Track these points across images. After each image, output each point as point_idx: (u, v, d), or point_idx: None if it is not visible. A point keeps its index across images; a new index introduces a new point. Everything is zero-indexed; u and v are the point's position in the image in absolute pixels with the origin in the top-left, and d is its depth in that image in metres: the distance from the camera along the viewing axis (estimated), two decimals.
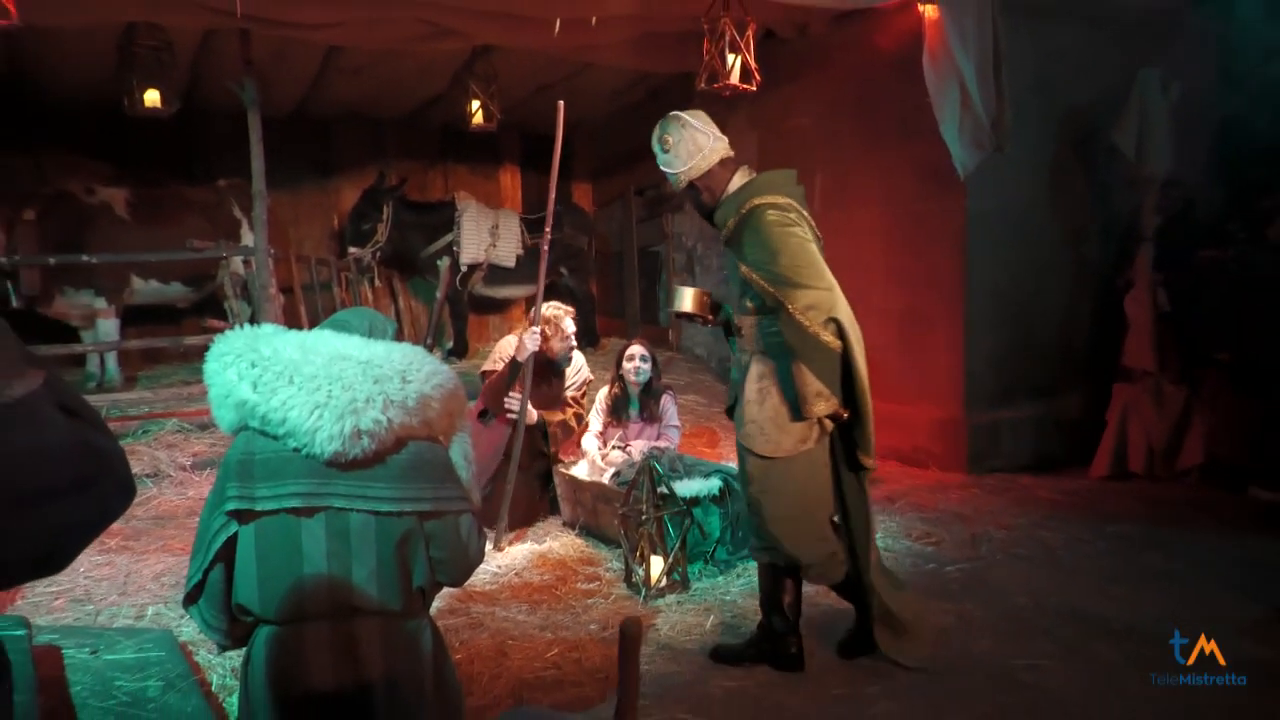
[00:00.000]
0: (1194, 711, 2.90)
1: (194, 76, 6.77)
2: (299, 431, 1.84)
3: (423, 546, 1.96)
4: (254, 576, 1.89)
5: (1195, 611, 3.63)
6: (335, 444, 1.83)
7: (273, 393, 1.85)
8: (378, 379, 1.88)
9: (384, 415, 1.86)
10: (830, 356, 3.02)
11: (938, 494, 5.24)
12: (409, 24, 5.25)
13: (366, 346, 1.95)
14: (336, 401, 1.84)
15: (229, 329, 2.00)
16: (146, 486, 5.11)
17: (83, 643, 3.11)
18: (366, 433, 1.85)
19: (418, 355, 2.00)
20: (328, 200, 8.93)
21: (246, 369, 1.87)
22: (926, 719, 2.92)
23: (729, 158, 3.20)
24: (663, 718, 2.93)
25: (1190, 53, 6.01)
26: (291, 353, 1.88)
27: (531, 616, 3.70)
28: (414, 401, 1.91)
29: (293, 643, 1.89)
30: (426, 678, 1.99)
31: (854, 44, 5.98)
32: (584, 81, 7.61)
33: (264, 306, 5.91)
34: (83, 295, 6.71)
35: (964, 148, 4.92)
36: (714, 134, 3.19)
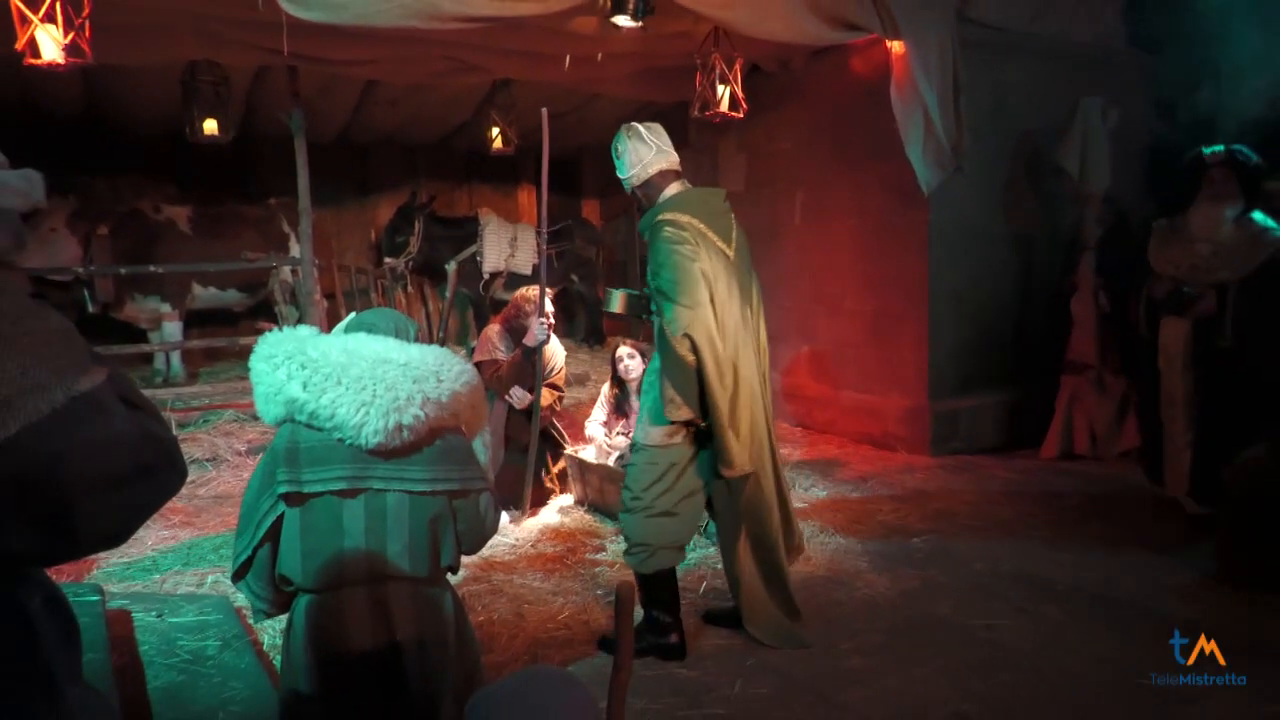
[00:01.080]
0: (1124, 661, 2.89)
1: (249, 107, 6.76)
2: (346, 426, 1.84)
3: (451, 523, 1.97)
4: (298, 551, 1.88)
5: (1132, 575, 3.63)
6: (379, 437, 1.84)
7: (322, 392, 1.84)
8: (416, 379, 1.88)
9: (422, 411, 1.87)
10: (683, 369, 2.82)
11: (905, 474, 5.22)
12: (437, 61, 5.24)
13: (403, 350, 1.94)
14: (381, 400, 1.84)
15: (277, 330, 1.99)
16: (206, 469, 5.12)
17: (150, 607, 3.11)
18: (407, 427, 1.86)
19: (447, 357, 2.00)
20: (366, 216, 8.92)
21: (297, 370, 1.86)
22: (893, 670, 2.92)
23: (670, 170, 3.03)
24: (659, 672, 2.93)
25: (1125, 84, 5.99)
26: (338, 356, 1.88)
27: (545, 583, 3.69)
28: (447, 398, 1.91)
29: (332, 607, 1.88)
30: (450, 637, 1.98)
31: (830, 76, 5.95)
32: (592, 110, 7.58)
33: (309, 310, 5.90)
34: (150, 301, 6.71)
35: (927, 167, 4.89)
36: (660, 146, 3.03)
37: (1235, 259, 4.02)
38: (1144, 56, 6.15)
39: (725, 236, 3.01)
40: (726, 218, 3.06)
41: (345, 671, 1.88)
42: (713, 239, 2.95)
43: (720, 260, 2.94)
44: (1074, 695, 2.74)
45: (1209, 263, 4.07)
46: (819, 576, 3.74)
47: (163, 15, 4.18)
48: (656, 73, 5.73)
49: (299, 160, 5.64)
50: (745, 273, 3.08)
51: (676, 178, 3.05)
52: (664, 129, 3.11)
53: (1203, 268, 4.09)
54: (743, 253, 3.08)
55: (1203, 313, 4.04)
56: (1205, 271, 4.07)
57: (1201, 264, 4.10)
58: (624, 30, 4.31)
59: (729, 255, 2.99)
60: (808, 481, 5.09)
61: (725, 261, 2.96)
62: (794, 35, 4.76)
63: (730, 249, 3.00)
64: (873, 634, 3.17)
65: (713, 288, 2.87)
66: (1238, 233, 4.05)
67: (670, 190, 3.02)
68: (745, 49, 5.06)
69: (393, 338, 2.00)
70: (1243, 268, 3.99)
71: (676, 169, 3.06)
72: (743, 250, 3.09)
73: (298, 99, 5.53)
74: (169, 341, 6.70)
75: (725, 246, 2.98)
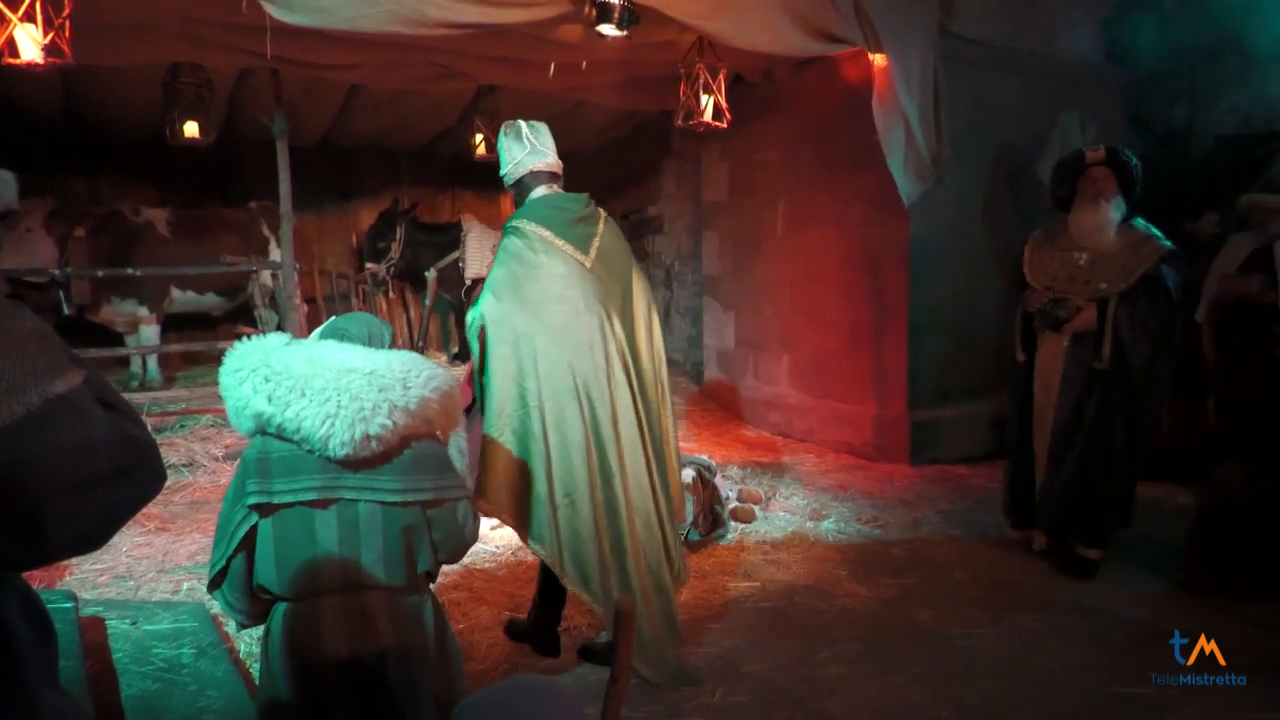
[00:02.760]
0: (1100, 669, 2.92)
1: (231, 110, 6.71)
2: (313, 439, 1.81)
3: (426, 532, 1.94)
4: (272, 560, 1.87)
5: (1106, 583, 3.67)
6: (347, 449, 1.82)
7: (286, 405, 1.81)
8: (382, 388, 1.85)
9: (389, 420, 1.84)
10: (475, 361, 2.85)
11: (884, 483, 5.25)
12: (422, 66, 5.22)
13: (370, 357, 1.91)
14: (346, 411, 1.81)
15: (259, 335, 1.97)
16: (183, 475, 5.06)
17: (124, 615, 3.07)
18: (375, 437, 1.83)
19: (416, 361, 1.97)
20: (348, 221, 8.87)
21: (261, 383, 1.83)
22: (872, 678, 2.93)
23: (543, 170, 2.94)
24: (638, 681, 2.92)
25: (1103, 99, 6.08)
26: (301, 367, 1.84)
27: (527, 591, 3.66)
28: (415, 405, 1.88)
29: (308, 615, 1.87)
30: (430, 646, 1.97)
31: (813, 88, 5.99)
32: (576, 118, 7.58)
33: (290, 315, 5.85)
34: (127, 304, 6.62)
35: (908, 179, 4.94)
36: (535, 146, 2.93)
37: (1114, 269, 3.71)
38: (1121, 73, 6.25)
39: (581, 244, 2.90)
40: (586, 225, 2.95)
41: (322, 679, 1.86)
42: (560, 247, 2.87)
43: (570, 268, 2.86)
44: (1051, 702, 2.76)
45: (1087, 273, 3.75)
46: (799, 585, 3.75)
47: (145, 16, 4.14)
48: (641, 81, 5.75)
49: (281, 164, 5.61)
50: (613, 279, 2.95)
51: (551, 179, 2.97)
52: (548, 129, 3.01)
53: (1080, 279, 3.77)
54: (610, 261, 2.96)
55: (1081, 328, 3.73)
56: (1083, 283, 3.76)
57: (1079, 275, 3.78)
58: (609, 39, 4.32)
59: (584, 264, 2.88)
60: (788, 490, 5.11)
61: (578, 270, 2.87)
62: (778, 46, 4.80)
63: (587, 257, 2.90)
64: (852, 642, 3.19)
65: (546, 296, 2.80)
66: (1118, 241, 3.75)
67: (536, 193, 2.95)
68: (729, 59, 5.09)
69: (362, 345, 1.98)
70: (1122, 279, 3.69)
71: (551, 170, 2.97)
72: (611, 258, 2.96)
73: (280, 102, 5.50)
74: (146, 345, 6.63)
75: (579, 255, 2.89)
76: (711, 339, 7.47)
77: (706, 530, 4.25)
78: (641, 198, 8.62)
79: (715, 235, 7.31)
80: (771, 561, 4.03)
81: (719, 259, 7.28)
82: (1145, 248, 3.71)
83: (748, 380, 7.00)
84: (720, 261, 7.27)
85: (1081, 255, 3.78)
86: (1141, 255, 3.69)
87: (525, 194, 2.96)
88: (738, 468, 5.49)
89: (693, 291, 7.97)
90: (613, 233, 3.03)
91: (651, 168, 8.35)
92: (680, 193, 8.06)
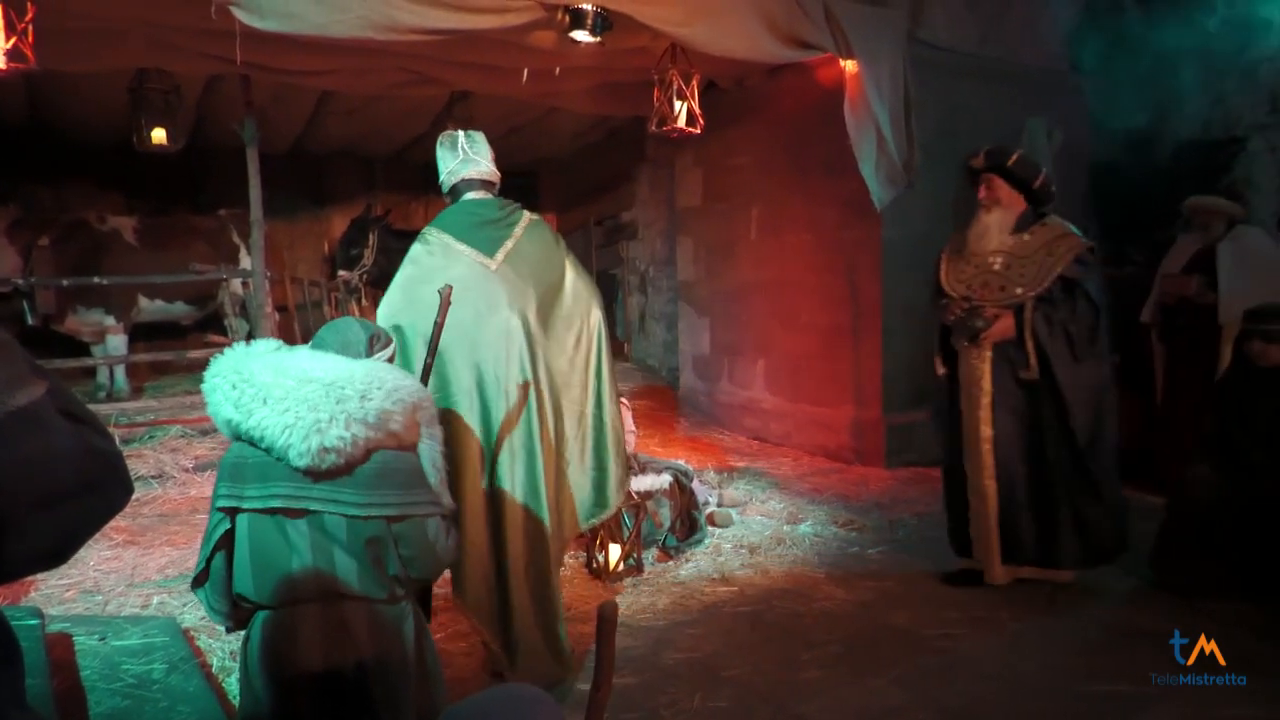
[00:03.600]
0: (1076, 667, 2.95)
1: (200, 116, 6.62)
2: (275, 447, 1.81)
3: (391, 545, 1.91)
4: (249, 566, 1.86)
5: (1081, 581, 3.69)
6: (305, 459, 1.80)
7: (250, 413, 1.81)
8: (339, 399, 1.83)
9: (346, 432, 1.81)
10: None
11: (860, 486, 5.28)
12: (394, 72, 5.19)
13: (334, 367, 1.89)
14: (303, 422, 1.79)
15: (229, 344, 1.96)
16: (152, 487, 4.95)
17: (92, 630, 2.99)
18: (332, 449, 1.80)
19: (381, 373, 1.93)
20: (320, 228, 8.79)
21: (229, 390, 1.83)
22: (851, 680, 2.94)
23: (473, 178, 2.94)
24: (618, 686, 2.90)
25: (1069, 105, 6.17)
26: (265, 375, 1.84)
27: None
28: (374, 417, 1.85)
29: (287, 623, 1.85)
30: (410, 658, 1.94)
31: (785, 93, 6.03)
32: (550, 124, 7.59)
33: (261, 324, 5.77)
34: (93, 313, 6.50)
35: (880, 184, 4.98)
36: (468, 155, 2.93)
37: (1029, 272, 3.49)
38: (1085, 80, 6.35)
39: (487, 247, 2.87)
40: (497, 228, 2.91)
41: (300, 690, 1.84)
42: (461, 251, 2.85)
43: (473, 272, 2.82)
44: (1030, 703, 2.78)
45: (1002, 278, 3.53)
46: (777, 589, 3.76)
47: (112, 22, 4.07)
48: (614, 87, 5.75)
49: (251, 170, 5.54)
50: (526, 282, 2.88)
51: (484, 187, 2.95)
52: (485, 139, 3.00)
53: (995, 285, 3.54)
54: (525, 264, 2.89)
55: (999, 338, 3.51)
56: (999, 289, 3.53)
57: (994, 280, 3.55)
58: (582, 45, 4.32)
59: (489, 267, 2.84)
60: (765, 495, 5.12)
61: (480, 273, 2.83)
62: (750, 53, 4.82)
63: (493, 260, 2.86)
64: (831, 645, 3.19)
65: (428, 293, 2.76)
66: (1033, 241, 3.54)
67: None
68: (702, 65, 5.10)
69: (332, 353, 1.97)
70: (1037, 282, 3.47)
71: (484, 178, 2.95)
72: (526, 261, 2.90)
73: (250, 108, 5.44)
74: (113, 355, 6.50)
75: (484, 258, 2.85)
76: (687, 344, 7.47)
77: (684, 536, 4.24)
78: (616, 203, 8.62)
79: (690, 241, 7.33)
80: (749, 566, 4.03)
81: (694, 264, 7.30)
82: (1060, 246, 3.51)
83: (723, 385, 7.01)
84: (695, 267, 7.28)
85: (996, 259, 3.58)
86: (1056, 255, 3.49)
87: (456, 201, 2.99)
88: (714, 472, 5.49)
89: (668, 297, 7.97)
90: (535, 236, 2.96)
91: (626, 174, 8.36)
92: (654, 198, 8.07)
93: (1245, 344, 3.59)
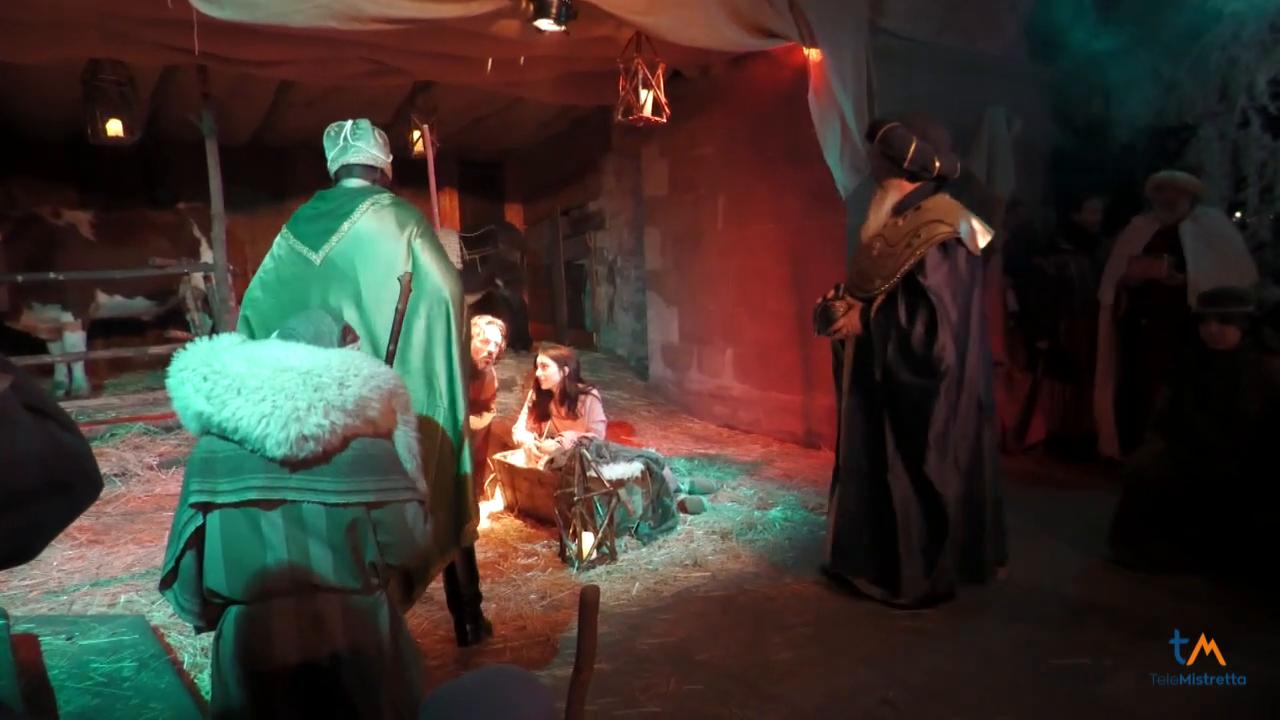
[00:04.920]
0: (1038, 643, 3.03)
1: (156, 108, 6.48)
2: (250, 438, 1.80)
3: (370, 532, 1.92)
4: (221, 562, 1.85)
5: (1040, 560, 3.80)
6: (283, 449, 1.80)
7: (223, 404, 1.80)
8: (317, 387, 1.83)
9: (325, 420, 1.82)
10: None
11: (828, 471, 5.29)
12: (355, 62, 5.12)
13: (309, 355, 1.89)
14: (280, 411, 1.79)
15: (191, 339, 1.94)
16: (115, 485, 4.87)
17: (59, 630, 2.95)
18: (311, 437, 1.81)
19: (356, 360, 1.95)
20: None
21: (200, 383, 1.82)
22: (822, 660, 2.99)
23: (353, 164, 2.88)
24: (596, 671, 2.93)
25: (1028, 93, 6.27)
26: (238, 366, 1.83)
27: None
28: (352, 404, 1.86)
29: (259, 618, 1.84)
30: (385, 648, 1.94)
31: (750, 82, 6.05)
32: (515, 114, 7.54)
33: (224, 318, 5.69)
34: (50, 310, 6.35)
35: (845, 171, 5.03)
36: (347, 143, 2.87)
37: (888, 264, 3.21)
38: (1043, 68, 6.46)
39: (314, 241, 2.78)
40: (329, 220, 2.80)
41: (274, 685, 1.83)
42: (293, 245, 2.82)
43: (298, 267, 2.78)
44: (994, 677, 2.86)
45: (875, 266, 3.28)
46: (748, 573, 3.81)
47: (64, 12, 3.96)
48: (579, 77, 5.73)
49: (211, 163, 5.45)
50: (345, 278, 2.74)
51: (363, 173, 2.89)
52: (371, 128, 2.94)
53: (868, 274, 3.30)
54: (350, 258, 2.75)
55: (846, 334, 3.38)
56: (869, 280, 3.30)
57: (870, 269, 3.30)
58: (546, 34, 4.30)
59: (313, 261, 2.76)
60: (735, 481, 5.17)
61: (304, 268, 2.76)
62: (714, 41, 4.84)
63: (317, 255, 2.76)
64: (802, 626, 3.24)
65: (277, 295, 2.78)
66: (903, 225, 3.22)
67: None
68: (667, 54, 5.11)
69: (304, 343, 1.97)
70: (891, 275, 3.20)
71: (363, 163, 2.88)
72: (351, 256, 2.75)
73: (208, 100, 5.34)
74: (71, 352, 6.37)
75: (310, 252, 2.77)
76: (655, 333, 7.50)
77: (656, 523, 4.27)
78: (582, 193, 8.60)
79: (657, 230, 7.34)
80: (721, 551, 4.08)
81: (661, 254, 7.32)
82: (924, 234, 3.15)
83: (692, 374, 7.05)
84: (662, 257, 7.30)
85: (876, 244, 3.31)
86: (914, 246, 3.14)
87: None
88: (685, 460, 5.53)
89: (636, 287, 7.99)
90: (373, 223, 2.78)
91: (592, 164, 8.34)
92: (621, 188, 8.06)
93: (1201, 326, 3.65)
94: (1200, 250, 4.60)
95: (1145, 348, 4.83)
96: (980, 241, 3.24)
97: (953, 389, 3.18)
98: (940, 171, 3.29)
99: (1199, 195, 4.76)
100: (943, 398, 3.17)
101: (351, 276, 2.75)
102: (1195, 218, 4.71)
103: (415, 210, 2.94)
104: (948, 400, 3.18)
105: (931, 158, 3.24)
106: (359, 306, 2.73)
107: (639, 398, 7.29)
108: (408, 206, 2.91)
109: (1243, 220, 5.93)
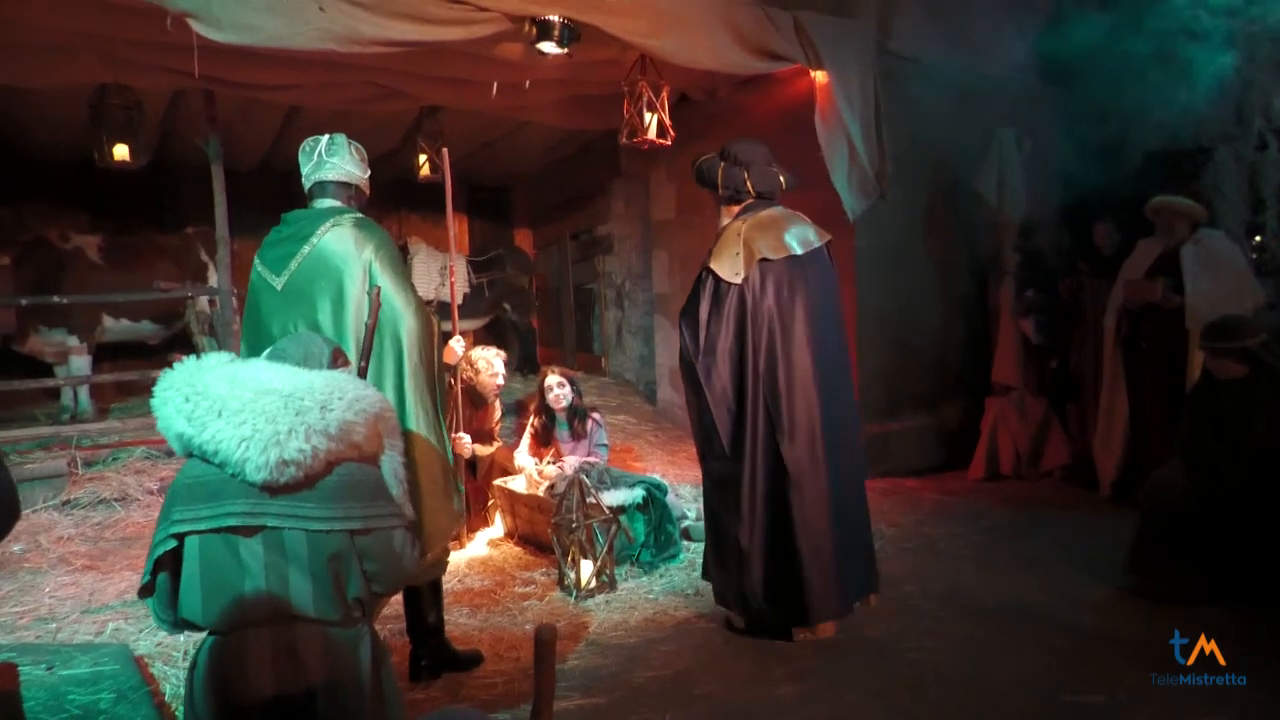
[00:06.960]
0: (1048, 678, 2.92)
1: (165, 133, 6.54)
2: (230, 461, 1.76)
3: (355, 561, 1.86)
4: (198, 590, 1.80)
5: (1053, 590, 3.69)
6: (263, 473, 1.75)
7: (204, 426, 1.77)
8: (299, 410, 1.79)
9: (307, 444, 1.77)
10: None
11: None
12: (360, 87, 5.15)
13: (292, 378, 1.85)
14: (261, 435, 1.75)
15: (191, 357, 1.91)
16: (115, 510, 4.85)
17: (39, 659, 2.90)
18: (292, 462, 1.76)
19: (341, 383, 1.90)
20: None
21: (182, 403, 1.79)
22: (825, 695, 2.89)
23: (326, 181, 2.87)
24: (588, 706, 2.85)
25: (1039, 115, 6.22)
26: (221, 388, 1.79)
27: (472, 619, 3.57)
28: (335, 429, 1.82)
29: (235, 648, 1.79)
30: (365, 683, 1.87)
31: (756, 105, 6.04)
32: (522, 138, 7.56)
33: (229, 342, 5.69)
34: (56, 334, 6.38)
35: (852, 194, 4.99)
36: (321, 159, 2.86)
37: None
38: (1054, 90, 6.41)
39: (276, 266, 2.75)
40: (290, 244, 2.76)
41: (247, 716, 1.77)
42: (260, 271, 2.79)
43: (265, 294, 2.76)
44: (1003, 713, 2.74)
45: None
46: None
47: (63, 37, 4.00)
48: (584, 100, 5.74)
49: (216, 187, 5.48)
50: (301, 302, 2.70)
51: (337, 190, 2.88)
52: (348, 143, 2.94)
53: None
54: (309, 280, 2.69)
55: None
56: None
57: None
58: (550, 57, 4.30)
59: (275, 286, 2.73)
60: None
61: (270, 295, 2.74)
62: (719, 64, 4.82)
63: (279, 279, 2.72)
64: (805, 659, 3.14)
65: (255, 325, 2.77)
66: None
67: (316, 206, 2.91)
68: (672, 77, 5.11)
69: (290, 364, 1.93)
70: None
71: (338, 179, 2.88)
72: (310, 278, 2.69)
73: (215, 124, 5.38)
74: (76, 376, 6.38)
75: (273, 278, 2.74)
76: (664, 358, 7.44)
77: (658, 551, 4.19)
78: (591, 218, 8.60)
79: (665, 254, 7.31)
80: None
81: (669, 278, 7.28)
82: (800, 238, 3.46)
83: None
84: (671, 280, 7.26)
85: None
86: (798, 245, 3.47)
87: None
88: (691, 486, 5.44)
89: (644, 310, 7.94)
90: (333, 244, 2.72)
91: (600, 188, 8.34)
92: (629, 212, 8.05)
93: (1206, 358, 3.64)
94: (1199, 273, 4.62)
95: (1145, 370, 4.81)
96: (727, 277, 3.45)
97: (721, 411, 3.38)
98: (758, 189, 3.50)
99: (1198, 219, 4.82)
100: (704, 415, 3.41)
101: (310, 300, 2.69)
102: (1197, 241, 4.74)
103: (379, 230, 2.87)
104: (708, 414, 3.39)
105: (741, 179, 3.48)
106: (317, 330, 2.65)
107: (646, 422, 7.20)
108: (371, 226, 2.86)
109: (1262, 243, 5.83)
